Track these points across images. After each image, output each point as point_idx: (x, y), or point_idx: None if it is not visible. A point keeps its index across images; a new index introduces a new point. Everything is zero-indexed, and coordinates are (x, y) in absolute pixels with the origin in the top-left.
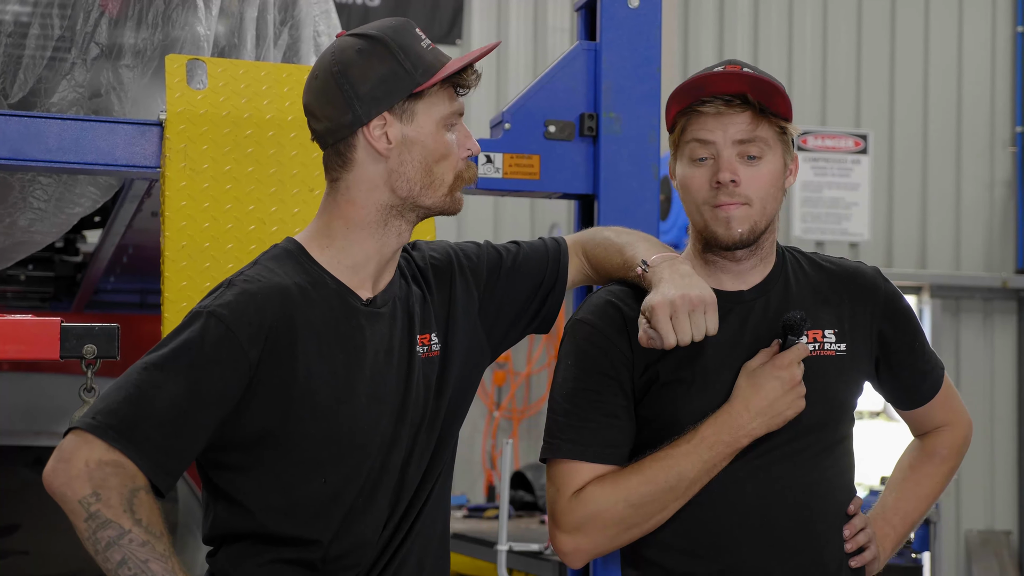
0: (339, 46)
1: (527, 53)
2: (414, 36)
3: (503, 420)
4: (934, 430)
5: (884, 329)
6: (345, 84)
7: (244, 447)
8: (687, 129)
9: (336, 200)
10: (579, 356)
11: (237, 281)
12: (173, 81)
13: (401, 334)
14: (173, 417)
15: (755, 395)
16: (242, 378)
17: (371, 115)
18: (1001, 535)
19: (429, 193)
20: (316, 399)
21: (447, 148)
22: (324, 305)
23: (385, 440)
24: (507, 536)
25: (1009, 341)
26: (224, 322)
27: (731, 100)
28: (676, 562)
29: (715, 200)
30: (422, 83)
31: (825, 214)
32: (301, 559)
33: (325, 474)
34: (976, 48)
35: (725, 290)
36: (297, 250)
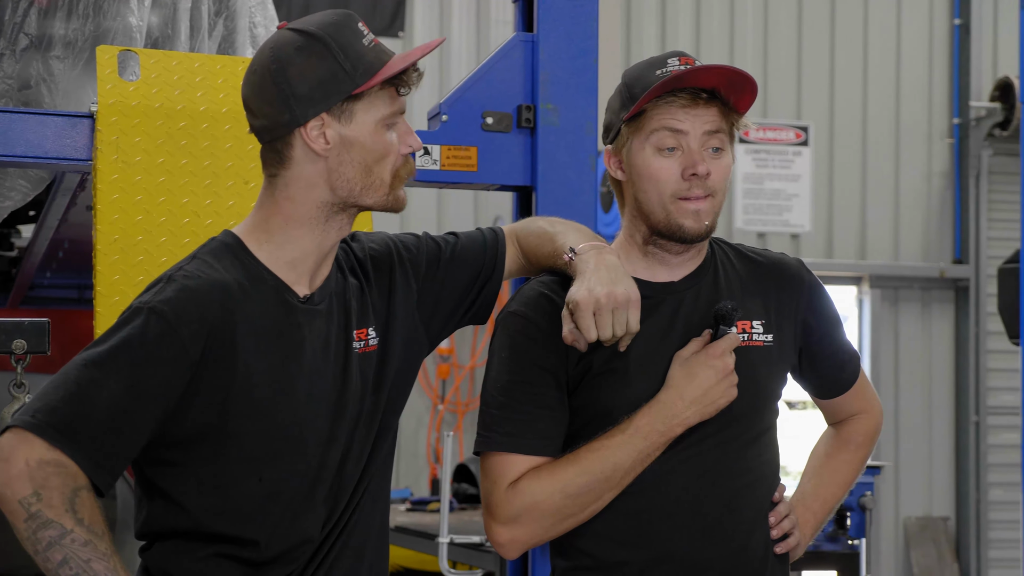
0: (278, 41)
1: (469, 45)
2: (355, 32)
3: (447, 413)
4: (849, 418)
5: (808, 319)
6: (283, 83)
7: (182, 444)
8: (654, 117)
9: (274, 196)
10: (513, 348)
11: (177, 276)
12: (105, 72)
13: (338, 330)
14: (114, 416)
15: (689, 384)
16: (183, 376)
17: (308, 116)
18: (939, 521)
19: (369, 193)
20: (254, 396)
21: (386, 148)
22: (262, 302)
23: (322, 438)
24: (449, 528)
25: (947, 330)
26: (165, 319)
27: (702, 93)
28: (607, 551)
29: (687, 192)
30: (361, 84)
31: (767, 205)
32: (239, 555)
33: (261, 472)
34: (914, 41)
35: (657, 281)
36: (235, 244)
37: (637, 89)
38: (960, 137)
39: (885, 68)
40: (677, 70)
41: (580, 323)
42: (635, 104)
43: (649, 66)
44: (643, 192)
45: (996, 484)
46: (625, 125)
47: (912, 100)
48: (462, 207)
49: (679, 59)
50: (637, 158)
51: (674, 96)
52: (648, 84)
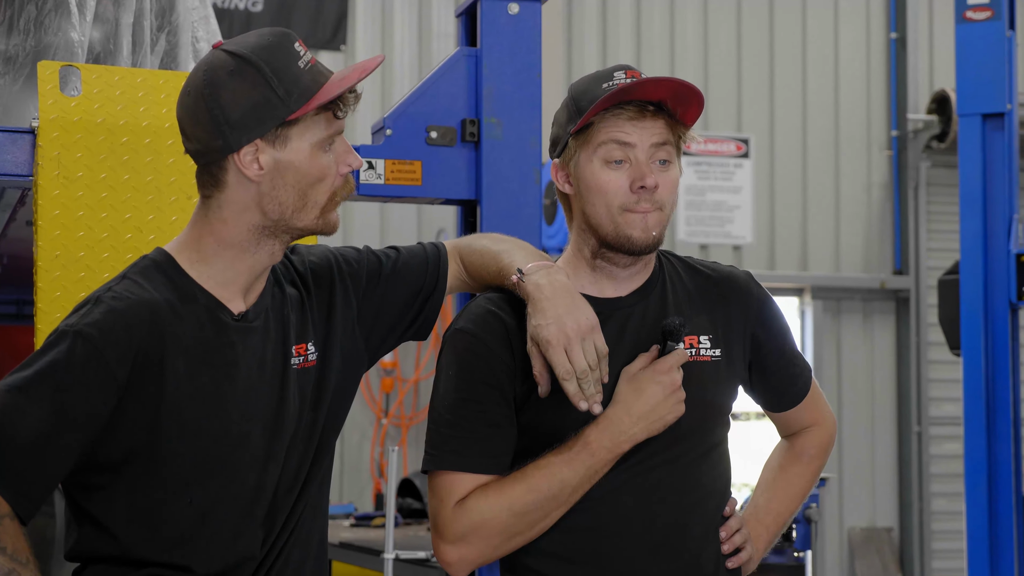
0: (211, 64)
1: (412, 59)
2: (291, 54)
3: (391, 427)
4: (802, 430)
5: (757, 333)
6: (215, 108)
7: (110, 468)
8: (602, 130)
9: (207, 217)
10: (461, 366)
11: (104, 298)
12: (46, 88)
13: (274, 346)
14: (37, 443)
15: (636, 400)
16: (110, 399)
17: (241, 143)
18: (883, 532)
19: (301, 216)
20: (183, 418)
21: (322, 171)
22: (194, 321)
23: (258, 457)
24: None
25: (888, 340)
26: (91, 342)
27: (649, 106)
28: (555, 569)
29: (635, 206)
30: (296, 110)
31: (709, 217)
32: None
33: (191, 495)
34: (852, 54)
35: (605, 296)
36: (166, 262)
37: (584, 102)
38: (899, 149)
39: (824, 81)
40: (624, 83)
41: (554, 360)
42: (582, 117)
43: (595, 79)
44: (591, 205)
45: (939, 494)
46: (572, 138)
47: (851, 112)
48: (405, 221)
49: (625, 72)
50: (585, 171)
51: (621, 108)
52: (595, 97)
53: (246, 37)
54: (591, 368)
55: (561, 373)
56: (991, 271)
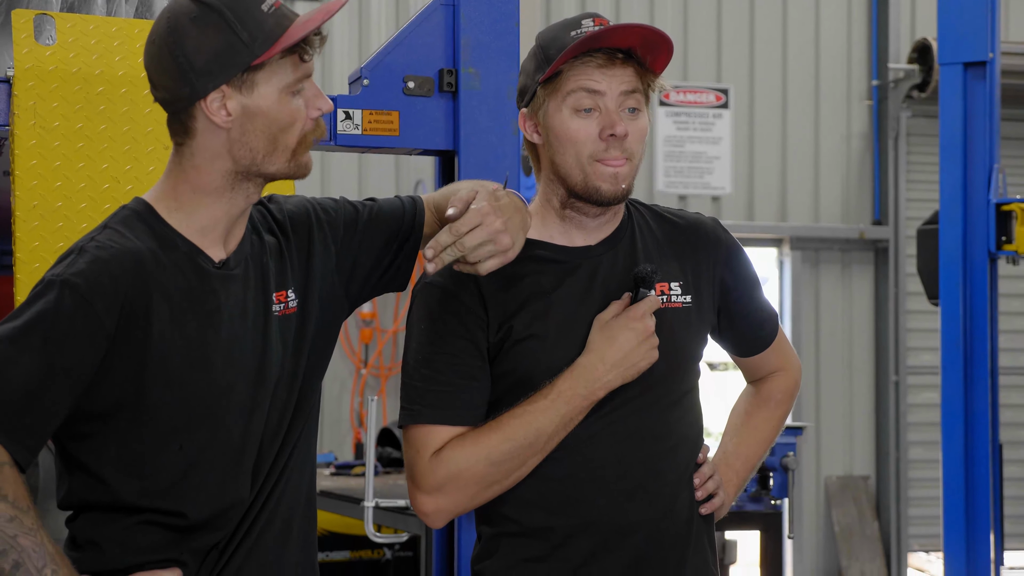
0: (174, 11)
1: (389, 8)
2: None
3: (370, 377)
4: (768, 375)
5: (725, 278)
6: (180, 56)
7: (100, 417)
8: (571, 78)
9: (181, 165)
10: (431, 319)
11: (88, 247)
12: (20, 37)
13: (255, 294)
14: (30, 392)
15: (609, 347)
16: (99, 349)
17: (207, 89)
18: (859, 480)
19: (272, 160)
20: (169, 365)
21: (292, 115)
22: (176, 269)
23: (244, 404)
24: (374, 492)
25: (866, 291)
26: (79, 292)
27: (618, 53)
28: (531, 517)
29: (604, 155)
30: (260, 54)
31: (688, 168)
32: (165, 523)
33: (180, 441)
34: (832, 3)
35: (574, 245)
36: (146, 211)
37: (552, 50)
38: (879, 99)
39: (804, 30)
40: (592, 30)
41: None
42: (551, 66)
43: (563, 27)
44: (560, 154)
45: (916, 443)
46: (541, 87)
47: (831, 62)
48: (383, 172)
49: (593, 20)
50: (554, 120)
51: (590, 56)
52: (563, 45)
53: None
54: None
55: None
56: (970, 221)
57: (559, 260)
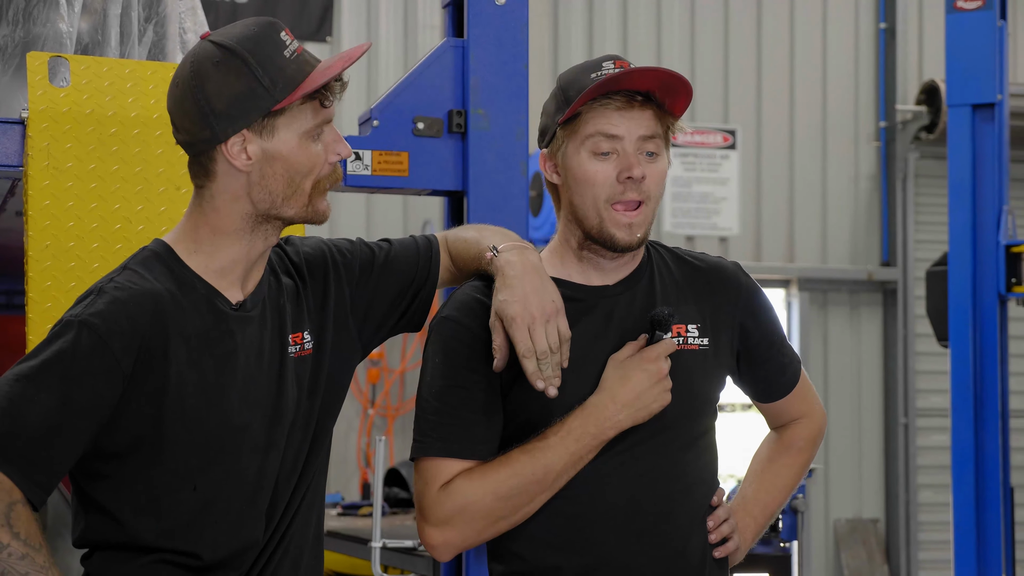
0: (197, 55)
1: (397, 50)
2: (277, 44)
3: (377, 417)
4: (791, 422)
5: (746, 323)
6: (201, 99)
7: (117, 456)
8: (589, 121)
9: (201, 207)
10: (446, 354)
11: (107, 288)
12: (35, 79)
13: (272, 335)
14: (46, 431)
15: (622, 387)
16: (116, 389)
17: (228, 133)
18: (868, 523)
19: (290, 204)
20: (186, 405)
21: (311, 160)
22: (194, 310)
23: (259, 444)
24: (381, 533)
25: (875, 332)
26: (97, 332)
27: (637, 96)
28: (542, 555)
29: (621, 196)
30: (280, 100)
31: (695, 209)
32: (179, 563)
33: (196, 480)
34: (840, 44)
35: (591, 284)
36: (165, 252)
37: (572, 92)
38: (887, 140)
39: (811, 71)
40: (612, 72)
41: (516, 337)
42: (570, 107)
43: (584, 69)
44: (578, 196)
45: (926, 486)
46: (560, 128)
47: (839, 103)
48: (391, 212)
49: (614, 62)
50: (572, 161)
51: (609, 99)
52: (583, 87)
53: (232, 27)
54: (552, 350)
55: (522, 350)
56: (980, 262)
57: (576, 298)
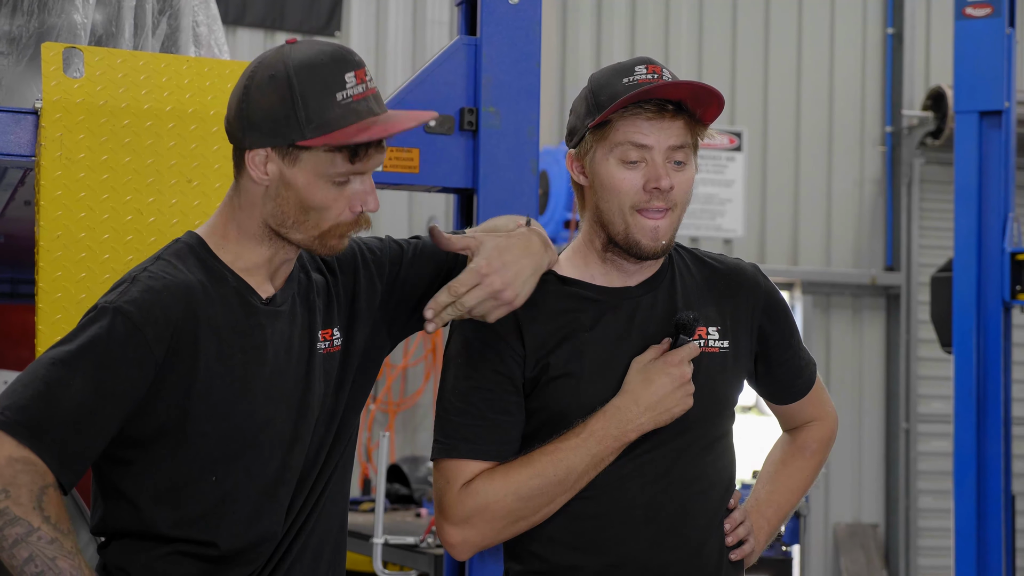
0: (264, 61)
1: (406, 46)
2: (334, 83)
3: (379, 413)
4: (804, 425)
5: (764, 325)
6: (244, 103)
7: (141, 443)
8: (619, 129)
9: (231, 202)
10: (470, 354)
11: (141, 277)
12: (49, 69)
13: (301, 331)
14: (80, 416)
15: (645, 390)
16: (148, 377)
17: (253, 144)
18: (868, 528)
19: (299, 230)
20: (213, 397)
21: (325, 201)
22: (224, 304)
23: (284, 439)
24: (383, 529)
25: (878, 337)
26: (131, 320)
27: (668, 105)
28: (560, 556)
29: (647, 204)
30: (307, 139)
31: (700, 210)
32: (197, 553)
33: (216, 472)
34: (847, 49)
35: (614, 286)
36: (198, 245)
37: (603, 97)
38: (892, 145)
39: (819, 75)
40: (644, 78)
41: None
42: (601, 113)
43: (616, 73)
44: (604, 201)
45: (926, 491)
46: (590, 133)
47: (845, 108)
48: (397, 209)
49: (647, 67)
50: (600, 167)
51: (640, 108)
52: (614, 93)
53: (312, 45)
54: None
55: (457, 286)
56: (985, 269)
57: (598, 299)
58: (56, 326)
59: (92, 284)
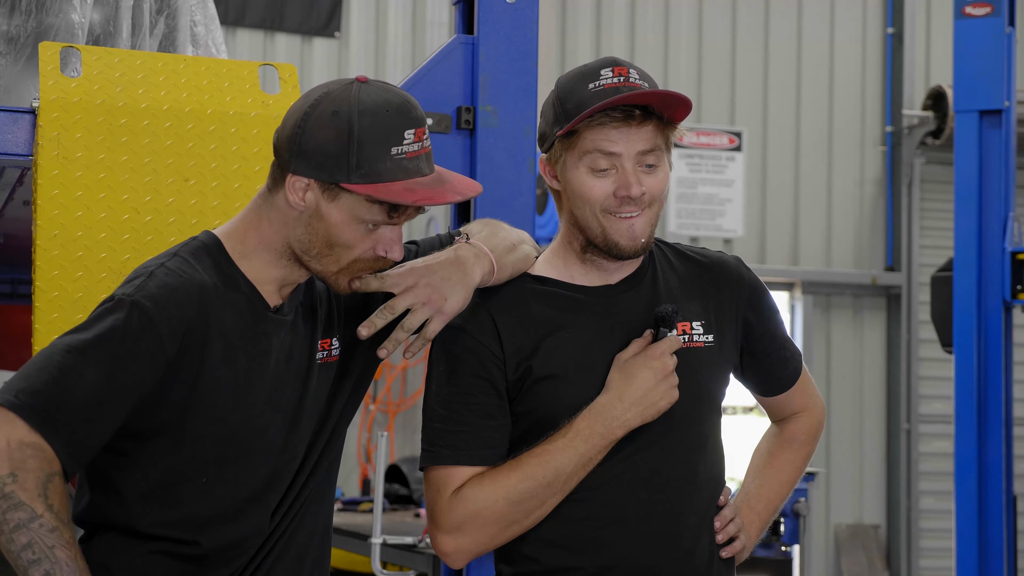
0: (330, 93)
1: (405, 47)
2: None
3: (379, 414)
4: (791, 416)
5: (748, 317)
6: (299, 129)
7: (137, 437)
8: (587, 138)
9: (259, 209)
10: (450, 361)
11: (158, 273)
12: (47, 69)
13: (302, 341)
14: (90, 406)
15: (628, 386)
16: (157, 372)
17: (299, 171)
18: (869, 529)
19: (319, 261)
20: (213, 401)
21: (351, 241)
22: (234, 308)
23: (275, 447)
24: (381, 529)
25: (878, 337)
26: (147, 314)
27: (635, 111)
28: (553, 558)
29: (618, 210)
30: (352, 183)
31: (700, 210)
32: (178, 552)
33: (207, 474)
34: (847, 49)
35: (593, 285)
36: (215, 247)
37: (569, 104)
38: (892, 145)
39: (819, 75)
40: (610, 83)
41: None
42: (568, 122)
43: (582, 77)
44: (577, 208)
45: (928, 492)
46: (558, 140)
47: (845, 107)
48: None
49: (612, 69)
50: (571, 175)
51: (607, 115)
52: (581, 100)
53: (381, 90)
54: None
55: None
56: (985, 269)
57: (579, 299)
58: (53, 325)
59: (89, 283)
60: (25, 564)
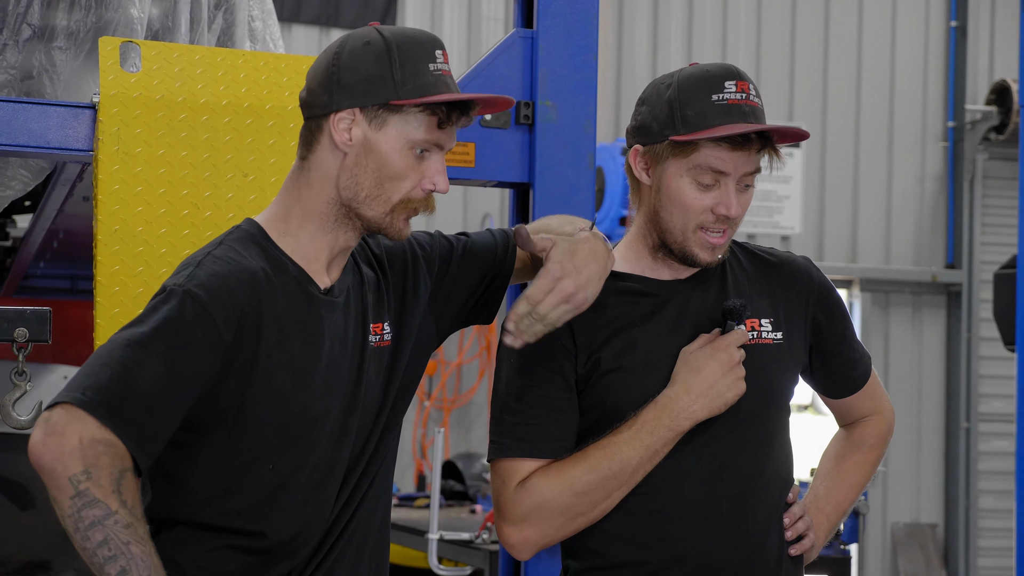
0: (355, 33)
1: (460, 42)
2: (427, 55)
3: (433, 410)
4: (860, 419)
5: (818, 317)
6: (335, 67)
7: (199, 427)
8: (702, 152)
9: (297, 182)
10: (521, 353)
11: (206, 261)
12: (107, 64)
13: (355, 324)
14: (155, 398)
15: (695, 377)
16: (217, 360)
17: (342, 105)
18: (927, 528)
19: (371, 204)
20: (272, 386)
21: (404, 170)
22: (285, 292)
23: (335, 430)
24: (438, 525)
25: (938, 335)
26: (200, 302)
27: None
28: (618, 552)
29: (711, 227)
30: (402, 98)
31: (757, 207)
32: (245, 546)
33: (272, 460)
34: (909, 43)
35: (663, 279)
36: (259, 233)
37: (690, 112)
38: (955, 140)
39: (879, 69)
40: (733, 98)
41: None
42: (687, 130)
43: (704, 84)
44: (667, 211)
45: (987, 491)
46: (669, 143)
47: (906, 102)
48: (451, 206)
49: (736, 83)
50: (672, 180)
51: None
52: (704, 112)
53: (399, 27)
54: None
55: (531, 293)
56: None
57: (649, 293)
58: (114, 320)
59: (150, 278)
60: (101, 561)
